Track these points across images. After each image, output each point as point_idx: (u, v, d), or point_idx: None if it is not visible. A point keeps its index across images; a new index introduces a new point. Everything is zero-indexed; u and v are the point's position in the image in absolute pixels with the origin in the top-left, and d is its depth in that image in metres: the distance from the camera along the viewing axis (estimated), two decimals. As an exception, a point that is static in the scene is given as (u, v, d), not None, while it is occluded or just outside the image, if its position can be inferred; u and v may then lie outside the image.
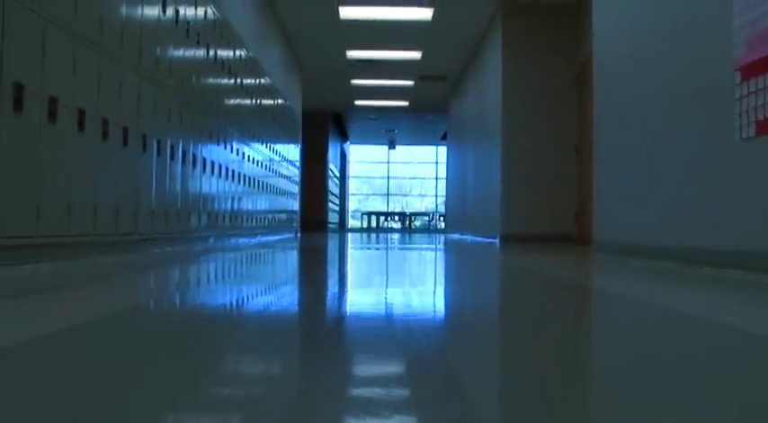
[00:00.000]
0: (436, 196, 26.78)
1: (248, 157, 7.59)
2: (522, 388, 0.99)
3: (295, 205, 12.22)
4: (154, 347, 1.29)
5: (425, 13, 9.17)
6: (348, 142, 23.69)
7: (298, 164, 12.66)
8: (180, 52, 4.89)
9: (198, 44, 5.33)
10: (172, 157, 4.66)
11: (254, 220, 7.99)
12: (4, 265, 2.56)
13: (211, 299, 2.20)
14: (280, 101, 10.01)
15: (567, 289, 2.67)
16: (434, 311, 2.05)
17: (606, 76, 4.88)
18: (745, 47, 2.91)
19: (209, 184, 5.77)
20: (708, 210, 3.33)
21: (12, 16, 2.59)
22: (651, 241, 3.99)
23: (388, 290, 2.61)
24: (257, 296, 2.25)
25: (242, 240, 7.19)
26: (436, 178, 25.88)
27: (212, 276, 3.08)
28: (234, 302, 2.08)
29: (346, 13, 9.13)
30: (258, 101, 8.25)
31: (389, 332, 1.54)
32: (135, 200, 3.97)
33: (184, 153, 4.96)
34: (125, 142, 3.78)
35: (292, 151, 11.80)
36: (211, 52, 5.76)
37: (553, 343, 1.41)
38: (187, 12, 4.96)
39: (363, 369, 1.16)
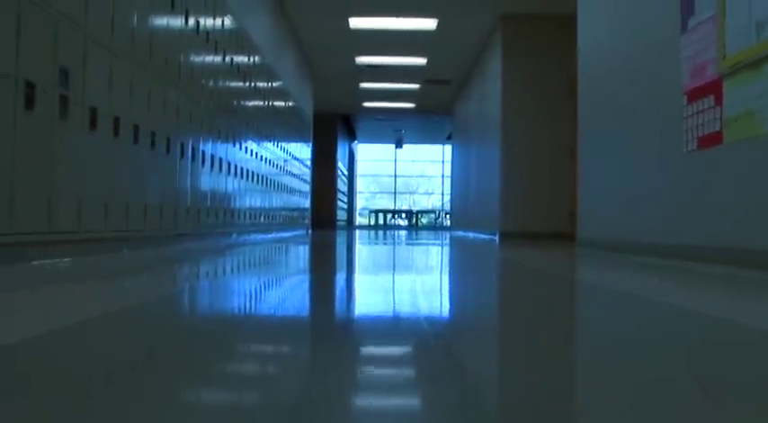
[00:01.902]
0: (442, 194, 27.32)
1: (264, 158, 8.20)
2: (488, 328, 1.60)
3: (306, 203, 12.85)
4: (222, 311, 1.90)
5: (430, 23, 9.76)
6: (356, 141, 24.29)
7: (309, 163, 13.29)
8: (211, 67, 5.51)
9: (224, 58, 5.95)
10: (202, 162, 5.28)
11: (269, 218, 8.61)
12: (82, 254, 3.18)
13: (260, 279, 2.81)
14: (293, 104, 10.63)
15: (536, 274, 3.27)
16: (430, 287, 2.66)
17: (588, 91, 5.47)
18: (689, 75, 3.50)
19: (231, 185, 6.39)
20: (668, 211, 3.92)
21: (90, 53, 3.20)
22: (626, 237, 4.58)
23: (395, 274, 3.22)
24: (294, 278, 2.87)
25: (259, 236, 7.81)
26: (442, 176, 26.43)
27: (255, 263, 3.69)
28: (276, 282, 2.69)
29: (356, 23, 9.74)
30: (273, 105, 8.87)
31: (399, 300, 2.15)
32: (174, 200, 4.60)
33: (212, 157, 5.58)
34: (168, 150, 4.41)
35: (304, 151, 12.43)
36: (234, 63, 6.38)
37: (518, 310, 2.02)
38: (215, 28, 5.58)
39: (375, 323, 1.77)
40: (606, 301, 2.21)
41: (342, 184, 20.21)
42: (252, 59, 7.33)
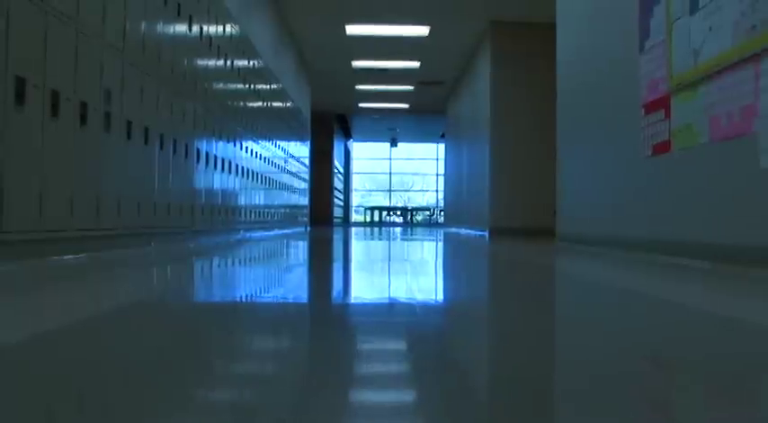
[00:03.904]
0: (437, 191, 27.81)
1: (265, 158, 8.71)
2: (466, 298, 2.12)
3: (305, 201, 13.37)
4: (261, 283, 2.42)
5: (423, 30, 10.28)
6: (351, 140, 24.79)
7: (307, 162, 13.81)
8: (220, 75, 6.02)
9: (232, 67, 6.46)
10: (214, 165, 5.79)
11: (271, 215, 9.13)
12: (121, 247, 3.69)
13: (280, 267, 3.32)
14: (292, 106, 11.14)
15: (510, 261, 3.80)
16: (420, 272, 3.18)
17: (565, 100, 5.99)
18: (646, 90, 4.02)
19: (238, 185, 6.90)
20: (631, 208, 4.44)
21: (127, 74, 3.71)
22: (598, 232, 5.10)
23: (391, 262, 3.75)
24: (309, 267, 3.39)
25: (263, 233, 8.32)
26: (437, 174, 26.93)
27: (271, 255, 4.20)
28: (295, 269, 3.21)
29: (352, 30, 10.25)
30: (273, 107, 9.38)
31: (394, 281, 2.67)
32: (192, 200, 5.10)
33: (222, 160, 6.09)
34: (186, 155, 4.92)
35: (302, 150, 12.95)
36: (240, 70, 6.89)
37: (495, 286, 2.55)
38: (224, 40, 6.08)
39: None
40: (559, 280, 2.73)
41: (338, 182, 20.72)
42: (253, 64, 7.83)
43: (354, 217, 27.06)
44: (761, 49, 2.73)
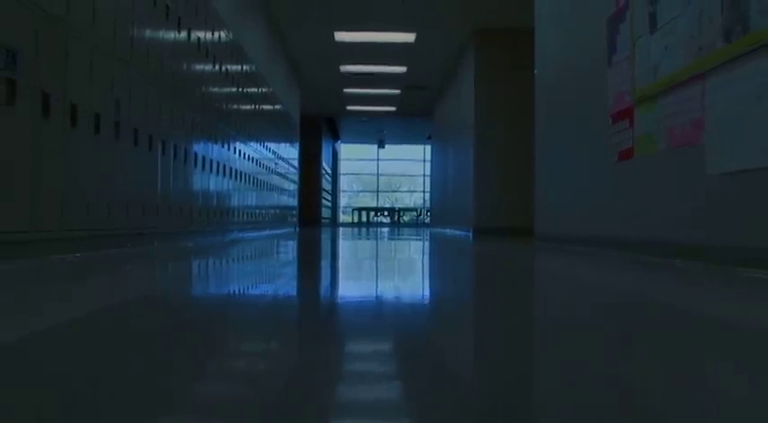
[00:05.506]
0: (424, 192, 28.15)
1: (258, 162, 9.01)
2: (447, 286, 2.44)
3: (294, 202, 13.67)
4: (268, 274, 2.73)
5: (409, 37, 10.61)
6: (339, 141, 25.10)
7: (296, 164, 14.11)
8: (216, 83, 6.31)
9: (227, 75, 6.75)
10: (210, 169, 6.09)
11: (262, 216, 9.43)
12: (130, 245, 3.98)
13: (277, 262, 3.63)
14: (282, 110, 11.44)
15: (486, 258, 4.12)
16: (404, 266, 3.50)
17: (541, 109, 6.34)
18: (613, 101, 4.37)
19: (230, 187, 7.20)
20: (601, 209, 4.78)
21: (135, 85, 4.01)
22: (572, 232, 5.44)
23: (378, 258, 4.06)
24: (301, 260, 3.70)
25: (254, 233, 8.62)
26: (424, 175, 27.26)
27: (267, 253, 4.51)
28: (292, 259, 3.52)
29: (341, 36, 10.57)
30: (264, 111, 9.68)
31: (381, 272, 2.99)
32: (190, 202, 5.40)
33: (218, 163, 6.39)
34: (185, 159, 5.21)
35: (291, 152, 13.25)
36: (235, 80, 7.18)
37: (472, 278, 2.87)
38: (219, 49, 6.38)
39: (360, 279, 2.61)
40: (529, 273, 3.06)
41: (326, 183, 21.01)
42: (246, 70, 8.12)
43: (342, 217, 27.36)
44: (705, 70, 3.07)
